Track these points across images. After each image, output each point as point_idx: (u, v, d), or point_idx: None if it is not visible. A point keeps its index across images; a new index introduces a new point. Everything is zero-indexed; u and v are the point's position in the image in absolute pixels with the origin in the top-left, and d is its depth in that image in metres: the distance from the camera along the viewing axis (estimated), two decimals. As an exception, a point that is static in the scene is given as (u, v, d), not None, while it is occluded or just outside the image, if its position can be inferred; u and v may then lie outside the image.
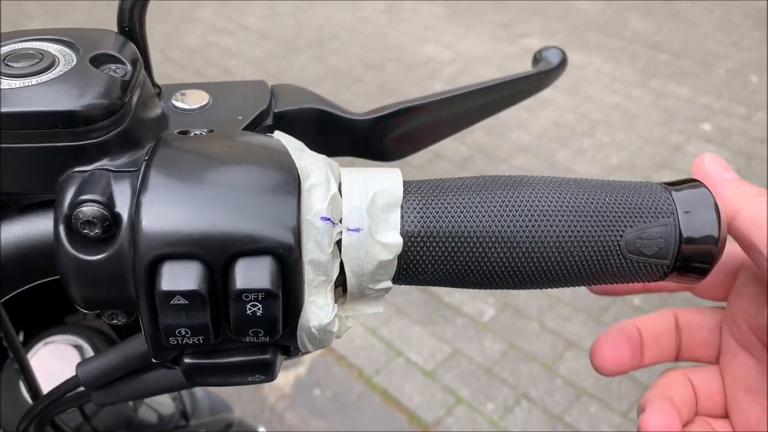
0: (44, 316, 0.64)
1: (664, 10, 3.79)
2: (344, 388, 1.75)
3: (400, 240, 0.30)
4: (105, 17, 3.63)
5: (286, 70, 3.24)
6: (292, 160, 0.29)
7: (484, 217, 0.31)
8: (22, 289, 0.30)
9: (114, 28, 0.34)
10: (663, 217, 0.31)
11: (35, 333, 0.62)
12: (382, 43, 3.50)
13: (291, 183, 0.28)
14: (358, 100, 2.94)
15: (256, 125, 0.36)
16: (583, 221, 0.31)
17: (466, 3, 3.87)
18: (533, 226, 0.31)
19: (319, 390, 1.75)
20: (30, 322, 0.63)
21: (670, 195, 0.32)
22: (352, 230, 0.29)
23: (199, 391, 0.82)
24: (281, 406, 1.71)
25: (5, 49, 0.30)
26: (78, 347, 0.60)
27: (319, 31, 3.63)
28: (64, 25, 3.62)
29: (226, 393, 1.08)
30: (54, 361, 0.59)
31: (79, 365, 0.40)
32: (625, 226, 0.31)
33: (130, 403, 0.62)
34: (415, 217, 0.30)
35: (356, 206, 0.30)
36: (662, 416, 0.35)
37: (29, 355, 0.60)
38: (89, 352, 0.60)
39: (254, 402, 1.72)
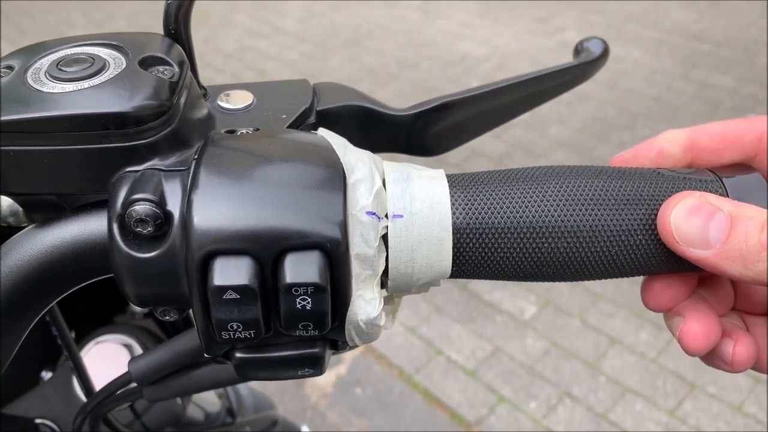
0: (94, 316, 0.66)
1: (705, -2, 3.71)
2: (385, 387, 1.75)
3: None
4: (146, 24, 3.71)
5: (322, 70, 3.26)
6: (337, 156, 0.29)
7: (537, 207, 0.30)
8: (78, 287, 0.31)
9: (159, 32, 0.34)
10: None
11: (86, 332, 0.64)
12: (417, 41, 3.49)
13: (337, 178, 0.28)
14: (395, 99, 2.94)
15: (300, 123, 0.37)
16: (636, 210, 0.30)
17: (500, -2, 3.85)
18: (590, 216, 0.30)
19: (360, 389, 1.75)
20: (81, 321, 0.65)
21: (721, 181, 0.32)
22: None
23: (243, 389, 0.84)
24: (323, 405, 1.72)
25: (58, 54, 0.31)
26: (127, 346, 0.62)
27: (354, 31, 3.65)
28: (105, 33, 3.72)
29: (268, 391, 1.09)
30: (104, 360, 0.61)
31: (131, 361, 0.41)
32: None
33: (179, 400, 0.63)
34: (462, 211, 0.30)
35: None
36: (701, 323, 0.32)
37: (81, 354, 0.61)
38: (138, 350, 0.62)
39: (296, 400, 1.74)
